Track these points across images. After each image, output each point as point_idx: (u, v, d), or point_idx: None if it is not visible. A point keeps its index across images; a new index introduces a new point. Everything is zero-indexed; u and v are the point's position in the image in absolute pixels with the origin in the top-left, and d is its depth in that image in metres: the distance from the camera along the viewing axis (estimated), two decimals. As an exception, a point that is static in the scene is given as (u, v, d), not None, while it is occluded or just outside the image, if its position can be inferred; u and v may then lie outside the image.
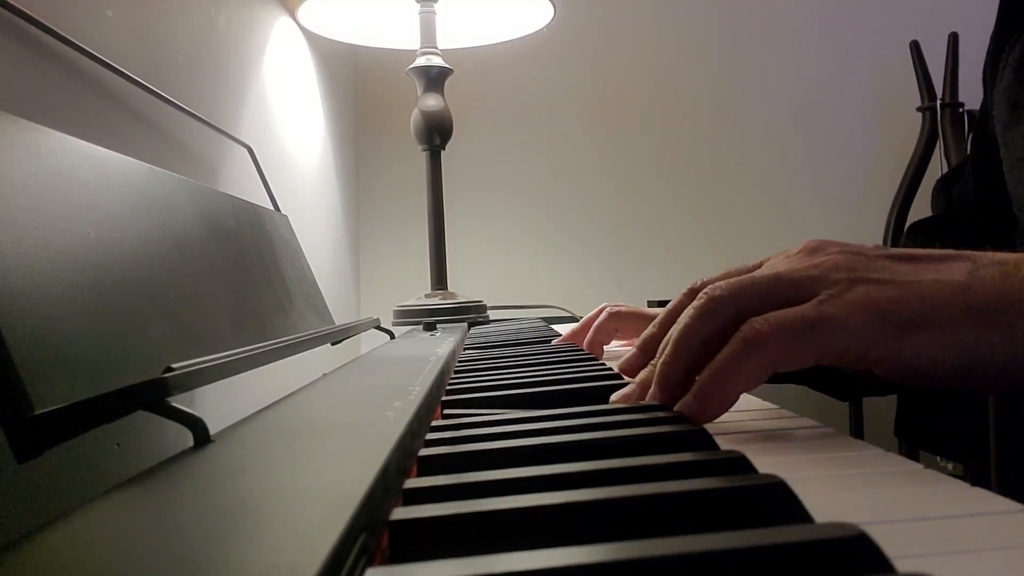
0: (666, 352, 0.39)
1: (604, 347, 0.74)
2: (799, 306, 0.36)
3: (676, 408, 0.37)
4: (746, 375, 0.35)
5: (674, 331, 0.39)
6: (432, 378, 0.44)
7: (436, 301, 1.27)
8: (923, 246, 0.77)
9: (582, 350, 0.72)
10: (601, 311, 0.76)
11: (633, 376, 0.44)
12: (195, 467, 0.26)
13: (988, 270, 0.36)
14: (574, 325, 0.80)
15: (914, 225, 0.88)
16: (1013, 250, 0.38)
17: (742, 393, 0.37)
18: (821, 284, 0.37)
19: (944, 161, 1.72)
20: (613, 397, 0.42)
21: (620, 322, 0.74)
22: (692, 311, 0.39)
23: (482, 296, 1.32)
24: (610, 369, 0.54)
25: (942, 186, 0.84)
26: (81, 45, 0.58)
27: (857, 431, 1.57)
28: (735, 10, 1.86)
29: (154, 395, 0.31)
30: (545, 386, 0.47)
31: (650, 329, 0.47)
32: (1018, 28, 0.64)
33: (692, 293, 0.43)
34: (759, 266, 0.44)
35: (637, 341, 0.49)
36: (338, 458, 0.26)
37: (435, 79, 1.29)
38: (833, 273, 0.37)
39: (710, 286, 0.39)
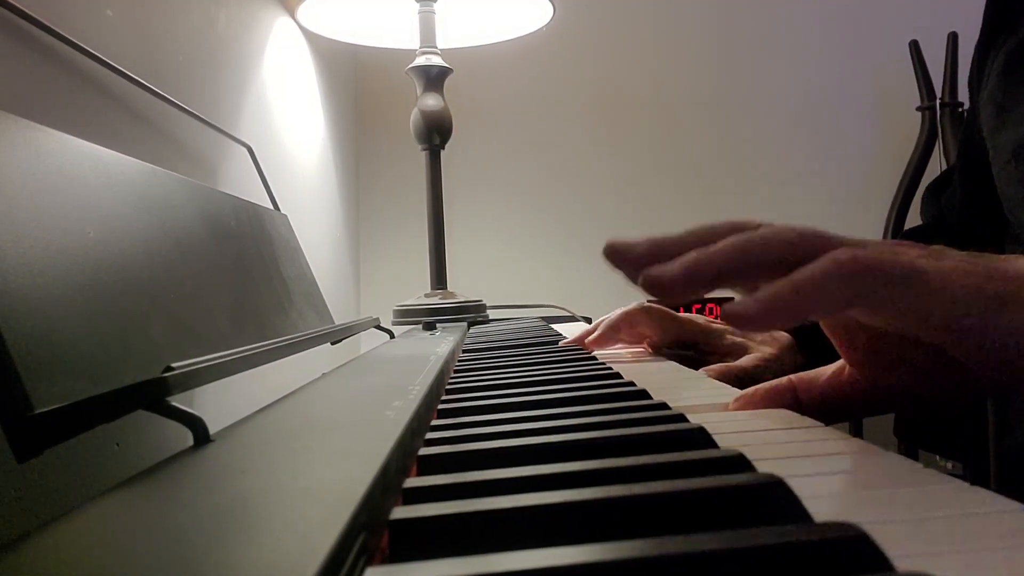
0: (716, 247, 0.35)
1: (618, 339, 0.73)
2: (891, 252, 0.32)
3: (726, 309, 0.32)
4: (826, 300, 0.31)
5: (734, 238, 0.35)
6: (432, 378, 0.44)
7: (436, 301, 1.27)
8: None
9: (581, 350, 0.72)
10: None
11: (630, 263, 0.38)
12: (195, 467, 0.26)
13: None
14: (586, 327, 0.79)
15: (905, 233, 0.89)
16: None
17: (807, 318, 0.32)
18: (907, 251, 0.33)
19: (943, 160, 1.72)
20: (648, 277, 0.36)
21: (654, 315, 0.73)
22: (763, 234, 0.34)
23: (482, 296, 1.32)
24: (610, 368, 0.54)
25: (931, 194, 0.84)
26: (81, 45, 0.58)
27: (857, 431, 1.57)
28: (735, 10, 1.86)
29: (154, 394, 0.31)
30: (545, 386, 0.47)
31: (671, 236, 0.39)
32: (1002, 35, 0.64)
33: (739, 229, 0.37)
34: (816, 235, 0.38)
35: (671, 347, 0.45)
36: (338, 457, 0.26)
37: (435, 79, 1.29)
38: (904, 248, 0.33)
39: (784, 228, 0.34)
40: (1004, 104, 0.62)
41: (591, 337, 0.75)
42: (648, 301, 0.74)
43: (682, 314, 0.74)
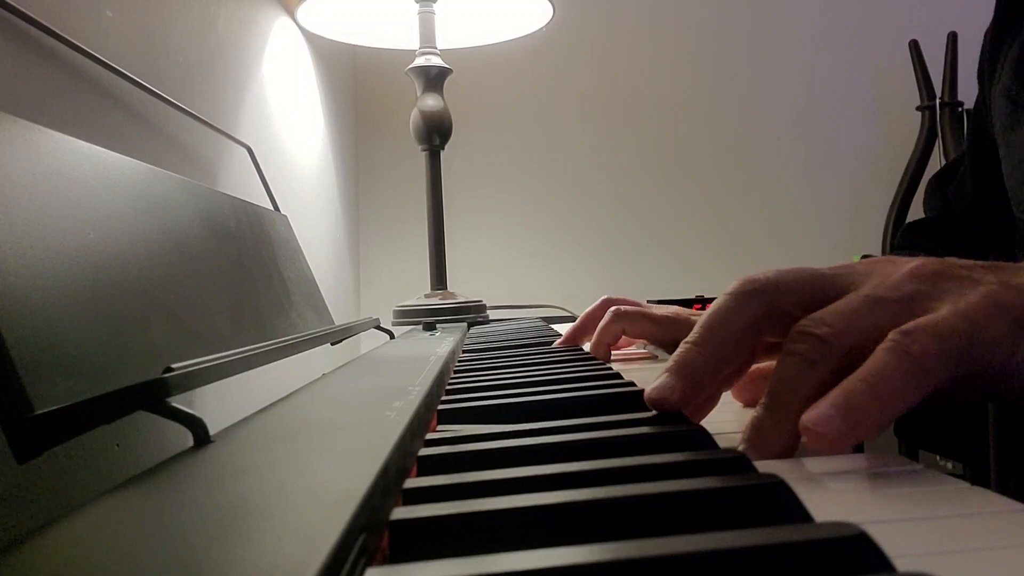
0: (693, 335, 0.33)
1: (611, 349, 0.73)
2: (936, 313, 0.30)
3: (804, 419, 0.29)
4: (905, 396, 0.28)
5: (774, 379, 0.31)
6: (432, 378, 0.44)
7: (436, 301, 1.27)
8: (919, 246, 0.76)
9: (581, 350, 0.72)
10: (602, 305, 0.75)
11: (671, 406, 0.34)
12: (195, 467, 0.26)
13: None
14: (574, 323, 0.80)
15: (910, 225, 0.87)
16: (1012, 250, 0.36)
17: (890, 423, 0.29)
18: (931, 295, 0.31)
19: (943, 160, 1.72)
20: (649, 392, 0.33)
21: (626, 323, 0.72)
22: (798, 357, 0.31)
23: (481, 296, 1.32)
24: (610, 368, 0.54)
25: (936, 185, 0.83)
26: (81, 45, 0.58)
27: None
28: (735, 9, 1.87)
29: (154, 395, 0.31)
30: (545, 386, 0.47)
31: (687, 349, 0.35)
32: (1017, 23, 0.62)
33: (749, 297, 0.35)
34: (845, 272, 0.36)
35: (670, 348, 0.41)
36: (338, 458, 0.26)
37: (434, 79, 1.29)
38: (943, 280, 0.31)
39: (812, 320, 0.31)
40: (1019, 99, 0.60)
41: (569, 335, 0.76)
42: (613, 305, 0.73)
43: (656, 312, 0.73)
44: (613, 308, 0.72)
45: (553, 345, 0.78)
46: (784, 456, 0.31)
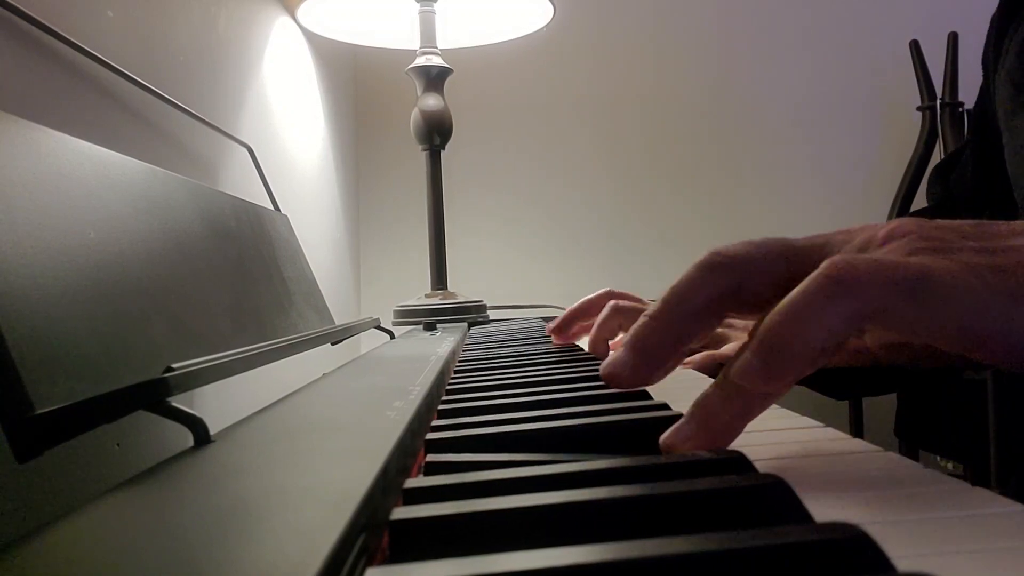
0: (652, 308, 0.31)
1: (609, 343, 0.73)
2: (894, 255, 0.28)
3: (728, 375, 0.28)
4: (831, 323, 0.26)
5: (669, 287, 0.31)
6: (432, 378, 0.44)
7: (436, 301, 1.27)
8: None
9: (581, 350, 0.72)
10: (603, 295, 0.75)
11: (625, 383, 0.33)
12: (195, 467, 0.26)
13: None
14: (571, 307, 0.80)
15: (911, 216, 0.87)
16: None
17: (822, 351, 0.27)
18: (912, 249, 0.29)
19: (942, 159, 1.72)
20: (663, 439, 0.30)
21: (624, 319, 0.72)
22: (694, 266, 0.31)
23: (482, 296, 1.32)
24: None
25: (938, 175, 0.83)
26: (81, 45, 0.58)
27: (857, 431, 1.57)
28: (735, 9, 1.86)
29: (154, 395, 0.31)
30: (545, 386, 0.47)
31: (644, 321, 0.34)
32: (1023, 8, 0.62)
33: (713, 270, 0.34)
34: (797, 241, 0.34)
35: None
36: (338, 458, 0.26)
37: (435, 79, 1.29)
38: (917, 239, 0.29)
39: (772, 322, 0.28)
40: (1022, 84, 0.59)
41: (556, 326, 0.77)
42: (613, 298, 0.74)
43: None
44: (612, 302, 0.72)
45: (547, 327, 0.78)
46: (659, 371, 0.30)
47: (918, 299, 0.27)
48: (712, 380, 0.30)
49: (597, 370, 0.54)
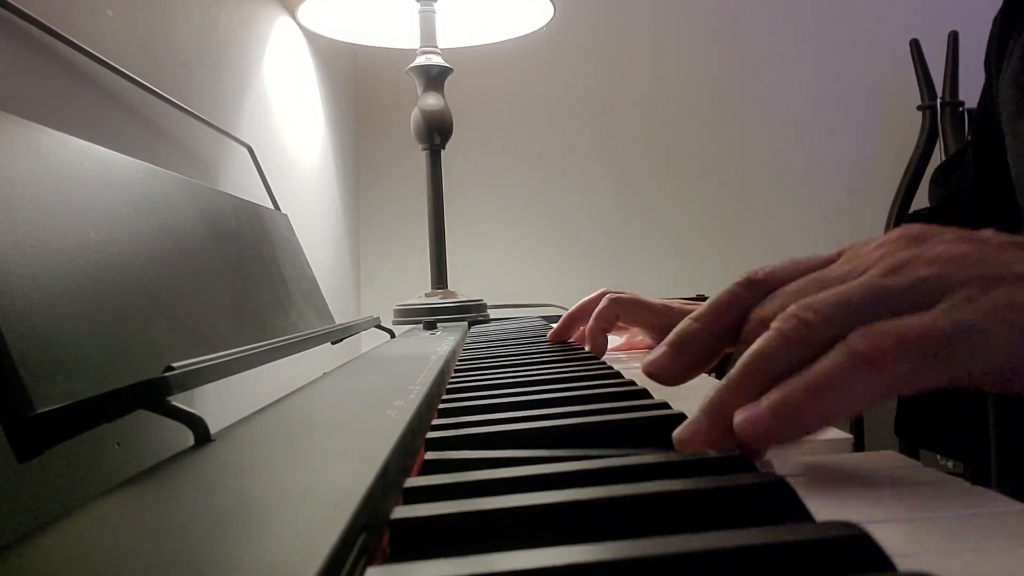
0: (733, 374, 0.30)
1: (608, 335, 0.73)
2: (922, 314, 0.27)
3: (736, 423, 0.28)
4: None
5: (749, 352, 0.30)
6: (432, 377, 0.44)
7: (436, 300, 1.27)
8: None
9: (581, 349, 0.72)
10: (599, 296, 0.75)
11: (666, 379, 0.35)
12: (196, 466, 0.26)
13: None
14: (570, 309, 0.80)
15: (911, 216, 0.87)
16: None
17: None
18: (944, 286, 0.28)
19: (944, 160, 1.72)
20: (677, 434, 0.30)
21: (621, 308, 0.72)
22: (776, 333, 0.29)
23: (482, 295, 1.32)
24: (610, 368, 0.54)
25: (940, 176, 0.83)
26: (81, 45, 0.58)
27: (857, 429, 1.57)
28: (735, 9, 1.86)
29: (154, 394, 0.31)
30: (545, 385, 0.47)
31: (688, 323, 0.35)
32: None
33: (752, 285, 0.34)
34: (834, 259, 0.34)
35: (665, 337, 0.39)
36: (338, 457, 0.26)
37: (435, 78, 1.29)
38: (958, 270, 0.28)
39: (801, 305, 0.30)
40: None
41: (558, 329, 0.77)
42: (610, 292, 0.73)
43: (655, 301, 0.74)
44: (608, 295, 0.72)
45: (548, 335, 0.78)
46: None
47: (950, 360, 0.27)
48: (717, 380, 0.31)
49: (597, 369, 0.54)
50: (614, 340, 0.82)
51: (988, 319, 0.27)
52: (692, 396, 0.38)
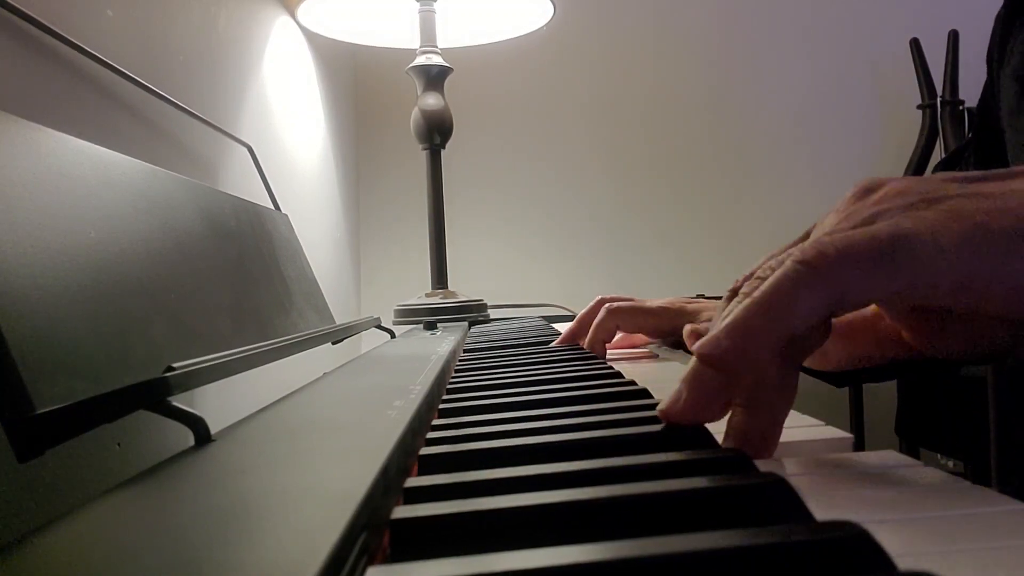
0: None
1: (606, 345, 0.73)
2: (866, 227, 0.28)
3: (696, 347, 0.28)
4: (799, 308, 0.27)
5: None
6: (433, 377, 0.44)
7: (436, 300, 1.27)
8: None
9: (581, 349, 0.72)
10: (597, 306, 0.75)
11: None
12: (196, 466, 0.26)
13: None
14: (571, 324, 0.80)
15: None
16: None
17: (788, 336, 0.28)
18: (892, 210, 0.29)
19: (944, 157, 1.72)
20: (660, 407, 0.31)
21: (620, 318, 0.73)
22: (739, 300, 0.30)
23: (482, 295, 1.32)
24: (610, 367, 0.54)
25: (941, 171, 0.83)
26: (81, 45, 0.58)
27: (857, 428, 1.57)
28: (735, 8, 1.86)
29: (155, 394, 0.31)
30: (545, 385, 0.47)
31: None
32: None
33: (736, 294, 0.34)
34: (807, 236, 0.35)
35: (665, 338, 0.38)
36: (339, 457, 0.26)
37: (435, 78, 1.29)
38: (900, 198, 0.29)
39: (760, 267, 0.31)
40: None
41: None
42: (607, 301, 0.74)
43: (653, 304, 0.74)
44: (607, 305, 0.72)
45: (551, 346, 0.78)
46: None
47: (894, 265, 0.27)
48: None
49: (597, 369, 0.54)
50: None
51: (931, 227, 0.27)
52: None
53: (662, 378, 0.57)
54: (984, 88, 0.71)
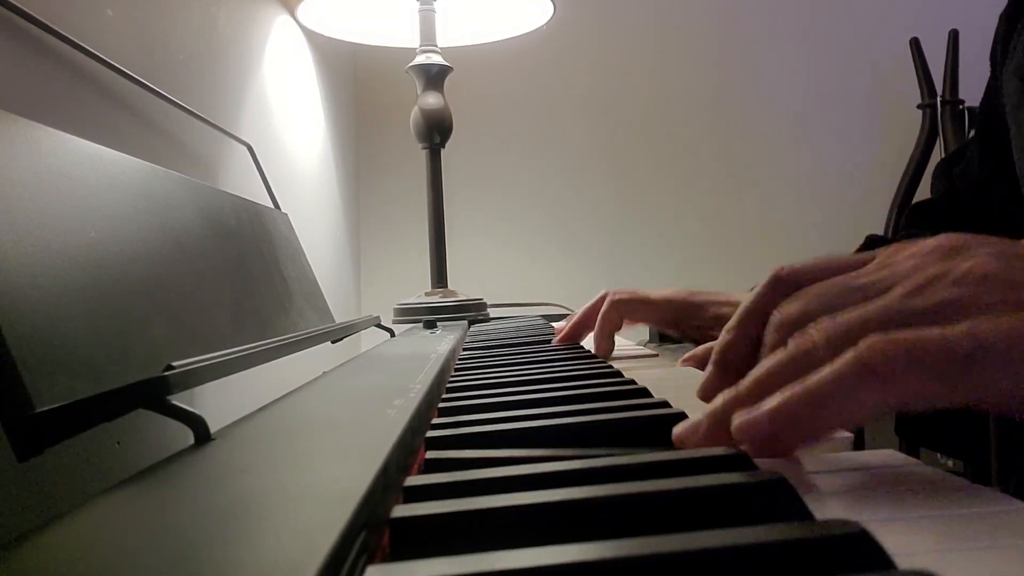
0: (743, 384, 0.30)
1: (615, 338, 0.73)
2: (942, 329, 0.26)
3: (733, 426, 0.28)
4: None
5: (762, 366, 0.30)
6: (432, 376, 0.44)
7: (436, 299, 1.27)
8: (923, 226, 0.76)
9: (581, 348, 0.72)
10: (601, 300, 0.75)
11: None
12: (196, 465, 0.26)
13: None
14: (572, 315, 0.80)
15: (915, 206, 0.87)
16: (1019, 234, 0.32)
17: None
18: (969, 307, 0.27)
19: (946, 155, 1.72)
20: (676, 431, 0.30)
21: (625, 309, 0.72)
22: (793, 349, 0.29)
23: (482, 294, 1.32)
24: (610, 366, 0.54)
25: (943, 168, 0.83)
26: (81, 44, 0.58)
27: (857, 428, 1.57)
28: (735, 8, 1.86)
29: (154, 393, 0.31)
30: (546, 384, 0.47)
31: (724, 337, 0.35)
32: None
33: (779, 284, 0.34)
34: (867, 261, 0.33)
35: (669, 327, 0.39)
36: (339, 456, 0.26)
37: (435, 77, 1.29)
38: (987, 291, 0.28)
39: (820, 327, 0.29)
40: None
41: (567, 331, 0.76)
42: (610, 293, 0.73)
43: (654, 295, 0.74)
44: (609, 297, 0.72)
45: (552, 341, 0.78)
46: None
47: (966, 378, 0.25)
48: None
49: (598, 367, 0.54)
50: (621, 342, 0.82)
51: (1008, 339, 0.25)
52: (693, 396, 0.38)
53: (664, 378, 0.57)
54: (988, 85, 0.71)
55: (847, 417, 0.26)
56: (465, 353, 0.73)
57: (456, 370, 0.60)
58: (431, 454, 0.30)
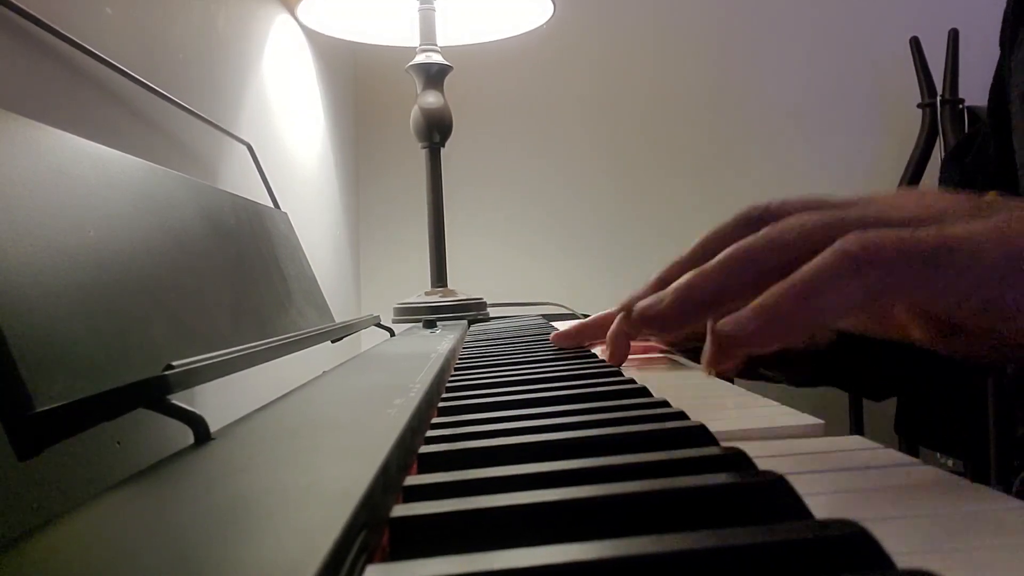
0: (709, 263, 0.30)
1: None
2: (915, 228, 0.27)
3: (718, 325, 0.28)
4: (840, 299, 0.26)
5: (733, 246, 0.30)
6: (432, 376, 0.44)
7: (436, 298, 1.27)
8: None
9: (581, 347, 0.72)
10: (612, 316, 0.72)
11: (657, 316, 0.33)
12: (195, 465, 0.26)
13: None
14: (574, 321, 0.79)
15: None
16: None
17: (826, 326, 0.28)
18: (940, 217, 0.29)
19: (950, 149, 1.72)
20: (639, 307, 0.31)
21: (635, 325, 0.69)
22: (767, 231, 0.30)
23: (482, 293, 1.32)
24: (612, 366, 0.54)
25: (952, 162, 0.82)
26: (81, 43, 0.58)
27: (857, 427, 1.57)
28: (735, 7, 1.86)
29: (154, 393, 0.31)
30: (546, 383, 0.47)
31: (676, 260, 0.35)
32: None
33: (750, 221, 0.34)
34: (842, 205, 0.34)
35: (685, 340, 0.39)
36: (338, 456, 0.26)
37: (435, 76, 1.29)
38: (951, 207, 0.29)
39: (805, 216, 0.30)
40: None
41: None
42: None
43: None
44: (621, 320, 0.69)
45: (551, 336, 0.77)
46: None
47: (935, 271, 0.26)
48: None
49: (598, 367, 0.54)
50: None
51: (977, 239, 0.27)
52: (693, 395, 0.38)
53: (674, 384, 0.57)
54: (997, 67, 0.71)
55: (831, 311, 0.27)
56: (465, 352, 0.73)
57: (456, 369, 0.60)
58: (424, 448, 0.30)
